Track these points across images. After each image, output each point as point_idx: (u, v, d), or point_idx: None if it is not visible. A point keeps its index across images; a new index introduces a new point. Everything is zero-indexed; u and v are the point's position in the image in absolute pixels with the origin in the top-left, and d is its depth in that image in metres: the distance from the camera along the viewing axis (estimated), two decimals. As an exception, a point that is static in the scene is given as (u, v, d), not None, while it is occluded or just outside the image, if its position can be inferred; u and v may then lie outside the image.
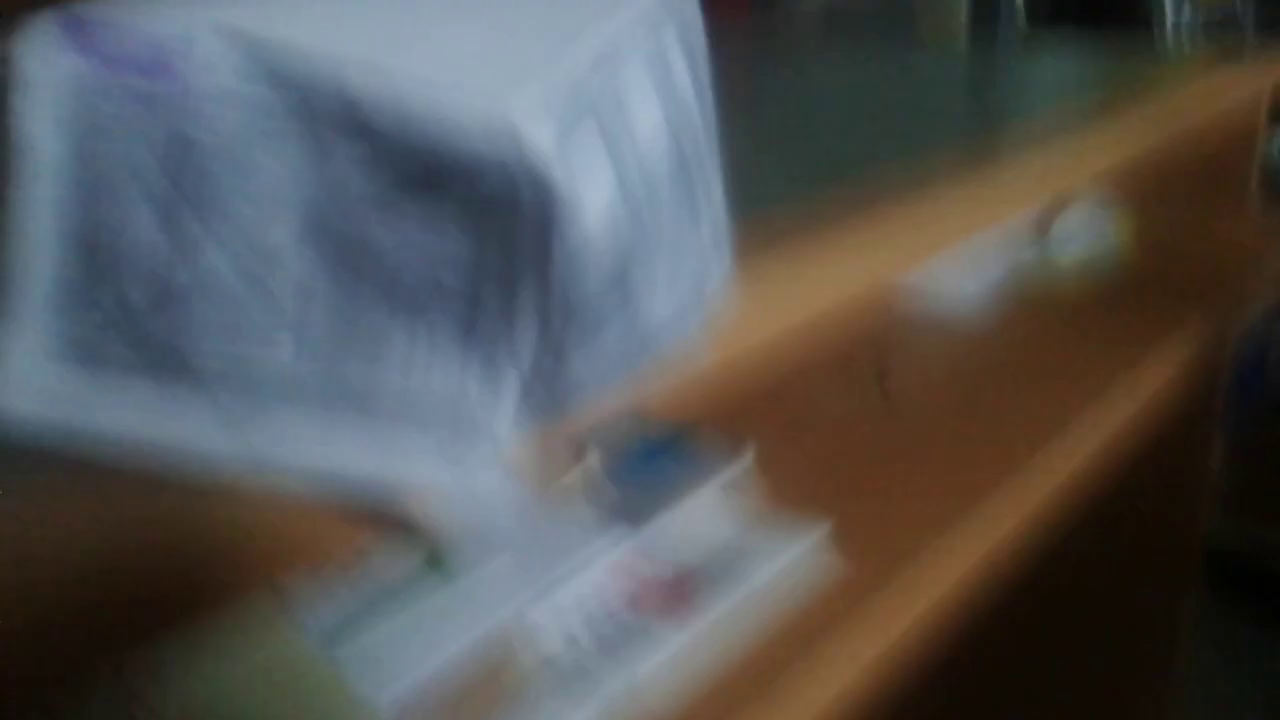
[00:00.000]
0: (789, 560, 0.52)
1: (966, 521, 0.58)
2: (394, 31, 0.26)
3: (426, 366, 0.25)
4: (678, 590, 0.49)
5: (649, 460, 0.54)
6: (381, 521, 0.26)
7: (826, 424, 0.68)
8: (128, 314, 0.25)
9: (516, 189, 0.23)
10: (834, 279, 0.42)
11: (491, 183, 0.23)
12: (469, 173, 0.23)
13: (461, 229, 0.24)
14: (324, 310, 0.25)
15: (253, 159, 0.24)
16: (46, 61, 0.24)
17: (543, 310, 0.25)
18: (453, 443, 0.25)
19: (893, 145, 0.55)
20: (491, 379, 0.25)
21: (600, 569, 0.48)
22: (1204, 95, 0.75)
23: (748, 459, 0.57)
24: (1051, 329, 0.84)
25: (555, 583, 0.47)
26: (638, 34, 0.31)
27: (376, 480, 0.25)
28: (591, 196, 0.25)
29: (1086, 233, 0.92)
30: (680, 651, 0.47)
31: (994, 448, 0.66)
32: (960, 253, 0.50)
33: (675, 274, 0.31)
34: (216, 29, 0.24)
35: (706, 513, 0.53)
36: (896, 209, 0.44)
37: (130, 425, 0.25)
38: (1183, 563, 1.03)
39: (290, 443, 0.25)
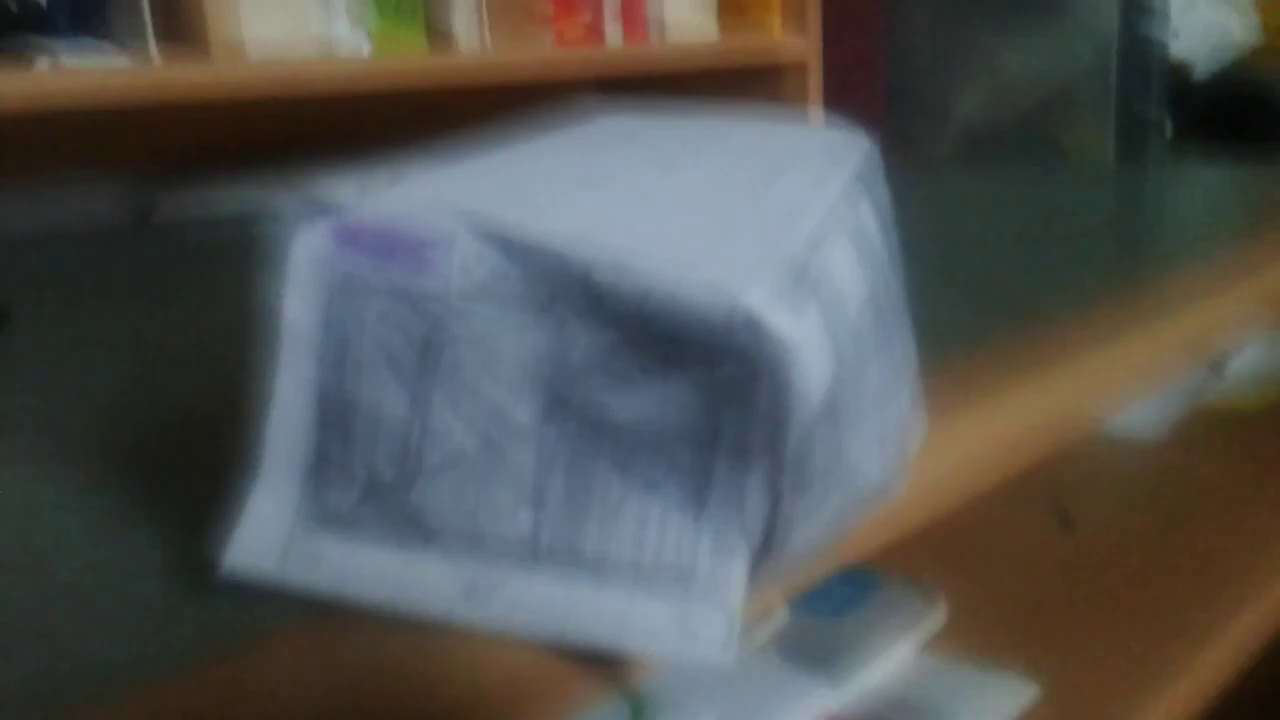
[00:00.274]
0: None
1: (1174, 682, 0.56)
2: (630, 219, 0.28)
3: (659, 539, 0.26)
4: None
5: (840, 606, 0.54)
6: (595, 674, 0.27)
7: (1012, 562, 0.67)
8: (380, 486, 0.27)
9: (756, 373, 0.25)
10: (1020, 422, 0.42)
11: (732, 366, 0.25)
12: (709, 357, 0.25)
13: (698, 408, 0.25)
14: (562, 484, 0.26)
15: (503, 346, 0.26)
16: (314, 255, 0.26)
17: (775, 486, 0.26)
18: (686, 616, 0.26)
19: (1062, 282, 0.55)
20: (723, 551, 0.26)
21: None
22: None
23: (941, 610, 0.56)
24: (1231, 460, 0.82)
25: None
26: (842, 211, 0.33)
27: (610, 650, 0.26)
28: (818, 376, 0.26)
29: (1263, 362, 0.89)
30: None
31: (1189, 589, 0.63)
32: (1140, 389, 0.49)
33: (884, 437, 0.32)
34: (475, 228, 0.26)
35: (903, 664, 0.52)
36: (1079, 349, 0.44)
37: (374, 591, 0.26)
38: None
39: (527, 611, 0.26)
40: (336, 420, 0.27)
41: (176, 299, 0.67)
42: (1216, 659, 0.58)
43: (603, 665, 0.26)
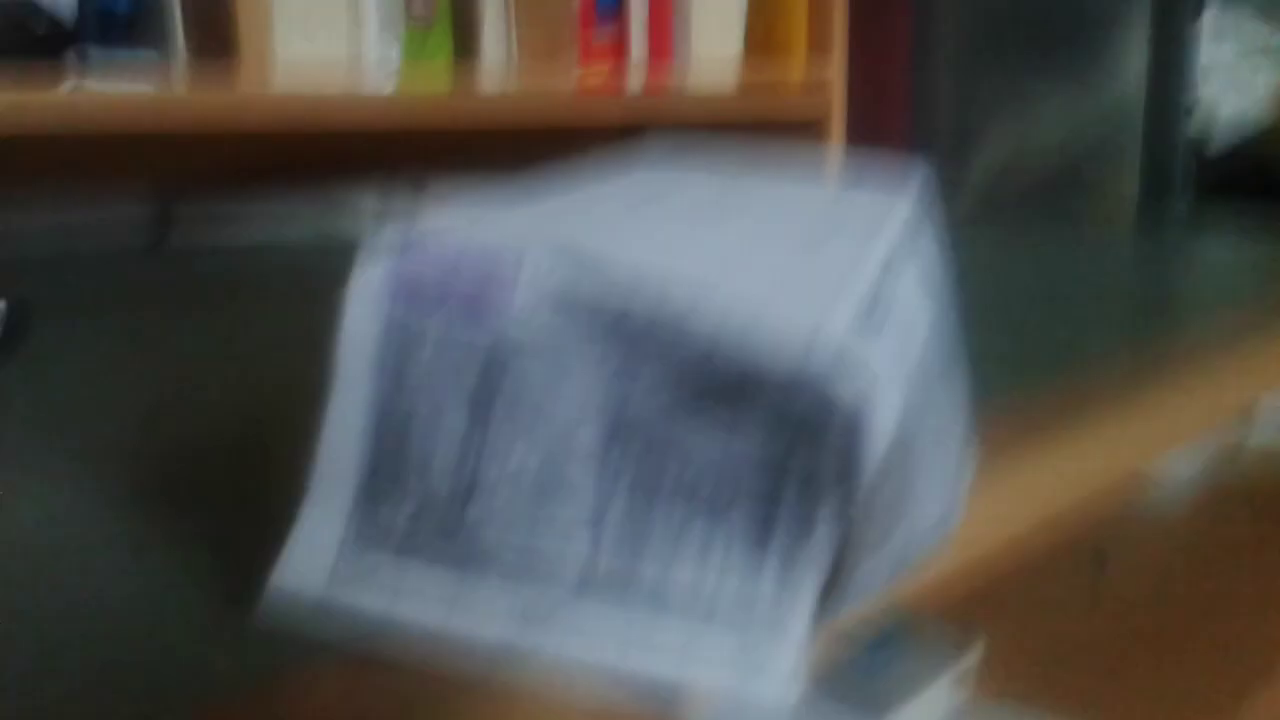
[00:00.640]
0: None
1: None
2: (699, 262, 0.27)
3: (723, 567, 0.25)
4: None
5: (880, 650, 0.53)
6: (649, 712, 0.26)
7: (1046, 603, 0.66)
8: (436, 506, 0.26)
9: (832, 403, 0.24)
10: (1063, 473, 0.41)
11: (806, 397, 0.24)
12: (783, 389, 0.24)
13: (768, 438, 0.25)
14: (624, 508, 0.25)
15: (567, 369, 0.25)
16: (380, 274, 0.26)
17: (843, 520, 0.25)
18: (751, 647, 0.25)
19: (1098, 347, 0.54)
20: (789, 584, 0.25)
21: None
22: None
23: (978, 649, 0.55)
24: (1265, 517, 0.81)
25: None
26: (907, 241, 0.32)
27: (671, 681, 0.25)
28: (892, 407, 0.25)
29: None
30: None
31: (1223, 636, 0.62)
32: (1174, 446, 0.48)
33: (941, 477, 0.31)
34: (543, 252, 0.26)
35: (941, 705, 0.51)
36: (1119, 406, 0.44)
37: (430, 614, 0.25)
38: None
39: (585, 639, 0.25)
40: (392, 434, 0.26)
41: (201, 320, 0.66)
42: (1253, 708, 0.56)
43: (659, 702, 0.25)
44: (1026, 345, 0.55)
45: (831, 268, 0.28)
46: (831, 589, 0.26)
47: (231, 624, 0.26)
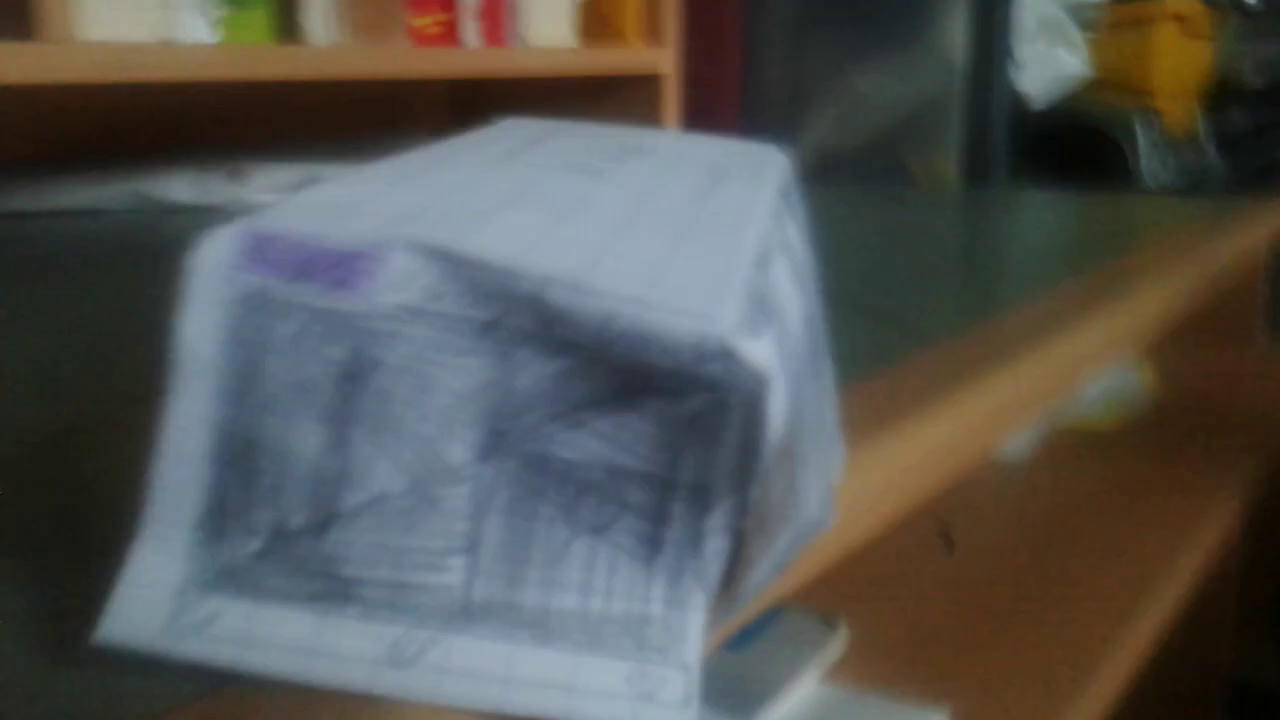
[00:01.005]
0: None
1: (1076, 694, 0.56)
2: (573, 234, 0.25)
3: (608, 589, 0.23)
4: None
5: (739, 639, 0.52)
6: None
7: (902, 585, 0.67)
8: (288, 540, 0.23)
9: (726, 406, 0.22)
10: (927, 450, 0.41)
11: (697, 399, 0.23)
12: (673, 388, 0.22)
13: (655, 444, 0.23)
14: (500, 532, 0.23)
15: (436, 377, 0.23)
16: (219, 273, 0.23)
17: (737, 527, 0.24)
18: (641, 675, 0.23)
19: (930, 307, 0.55)
20: (679, 602, 0.24)
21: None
22: (1231, 244, 0.77)
23: (843, 637, 0.55)
24: (1092, 477, 0.84)
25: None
26: (774, 228, 0.31)
27: (553, 714, 0.23)
28: (779, 409, 0.24)
29: (1114, 385, 0.93)
30: None
31: (1073, 603, 0.65)
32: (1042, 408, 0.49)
33: (822, 468, 0.30)
34: (408, 245, 0.23)
35: (809, 697, 0.51)
36: (976, 374, 0.44)
37: (280, 659, 0.23)
38: (1209, 696, 1.01)
39: (460, 676, 0.23)
40: (237, 459, 0.23)
41: (19, 290, 0.61)
42: (1110, 669, 0.59)
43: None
44: (864, 311, 0.56)
45: (715, 245, 0.26)
46: (723, 601, 0.24)
47: (61, 673, 0.23)
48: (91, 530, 0.30)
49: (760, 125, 1.48)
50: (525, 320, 0.23)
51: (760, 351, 0.22)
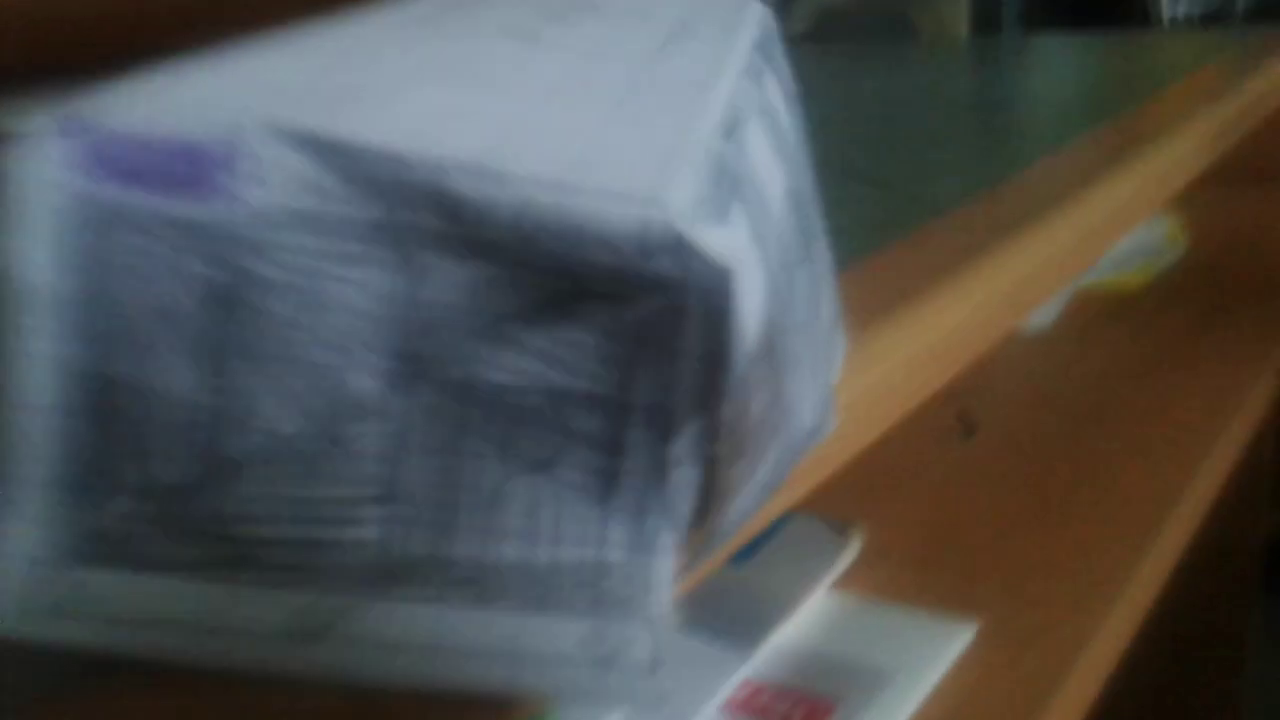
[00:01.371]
0: (938, 670, 0.45)
1: (1117, 593, 0.52)
2: (493, 111, 0.20)
3: (555, 536, 0.20)
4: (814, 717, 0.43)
5: (741, 553, 0.48)
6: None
7: (918, 481, 0.62)
8: (161, 497, 0.19)
9: (681, 308, 0.19)
10: (942, 331, 0.36)
11: (646, 301, 0.19)
12: (615, 289, 0.19)
13: (601, 361, 0.19)
14: (420, 472, 0.19)
15: (324, 291, 0.19)
16: (45, 180, 0.18)
17: (707, 452, 0.20)
18: (599, 636, 0.19)
19: (944, 168, 0.50)
20: (642, 545, 0.20)
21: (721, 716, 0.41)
22: (1260, 77, 0.71)
23: (855, 544, 0.51)
24: (1122, 343, 0.79)
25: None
26: (749, 88, 0.26)
27: (503, 689, 0.19)
28: (755, 304, 0.19)
29: (1140, 240, 0.87)
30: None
31: (1110, 488, 0.60)
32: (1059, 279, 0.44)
33: (815, 366, 0.26)
34: (268, 131, 0.18)
35: (822, 612, 0.47)
36: (989, 242, 0.39)
37: (161, 638, 0.19)
38: (1246, 563, 0.98)
39: (384, 648, 0.19)
40: (94, 405, 0.19)
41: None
42: (1151, 564, 0.55)
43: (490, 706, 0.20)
44: (874, 175, 0.51)
45: (667, 111, 0.22)
46: (700, 538, 0.21)
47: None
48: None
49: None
50: (427, 217, 0.18)
51: (723, 238, 0.19)
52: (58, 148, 0.18)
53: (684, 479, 0.20)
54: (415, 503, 0.20)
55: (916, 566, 0.53)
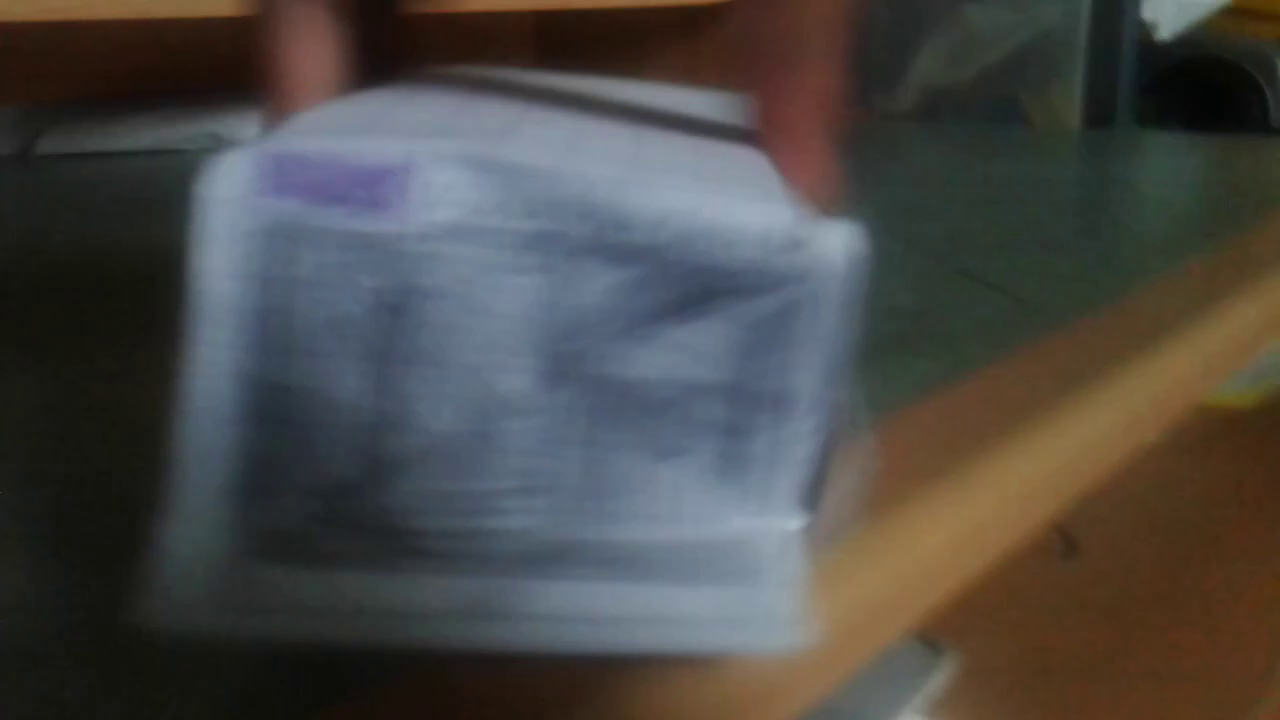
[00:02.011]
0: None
1: None
2: (608, 151, 0.23)
3: (696, 516, 0.22)
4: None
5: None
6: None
7: (1014, 600, 0.60)
8: (331, 496, 0.21)
9: (804, 297, 0.21)
10: (1039, 464, 0.35)
11: (774, 295, 0.21)
12: (746, 287, 0.21)
13: (732, 349, 0.22)
14: (575, 463, 0.22)
15: (480, 299, 0.21)
16: (234, 200, 0.20)
17: (819, 423, 0.22)
18: (745, 600, 0.21)
19: (1071, 268, 0.48)
20: (770, 519, 0.22)
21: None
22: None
23: (950, 666, 0.49)
24: (1231, 464, 0.76)
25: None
26: None
27: (657, 653, 0.21)
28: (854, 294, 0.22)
29: (1258, 361, 0.84)
30: None
31: (1215, 622, 0.57)
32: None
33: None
34: (443, 156, 0.20)
35: None
36: (1134, 345, 0.38)
37: (348, 627, 0.20)
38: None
39: (557, 622, 0.21)
40: (270, 412, 0.21)
41: (71, 229, 0.58)
42: (1270, 706, 0.51)
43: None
44: (968, 290, 0.49)
45: (745, 166, 0.24)
46: (820, 513, 0.23)
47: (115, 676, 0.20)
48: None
49: (863, 57, 1.40)
50: (577, 229, 0.21)
51: (834, 237, 0.21)
52: (245, 170, 0.20)
53: (802, 455, 0.22)
54: (571, 492, 0.22)
55: (1010, 694, 0.51)
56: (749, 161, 0.25)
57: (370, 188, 0.20)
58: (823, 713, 0.45)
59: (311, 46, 0.26)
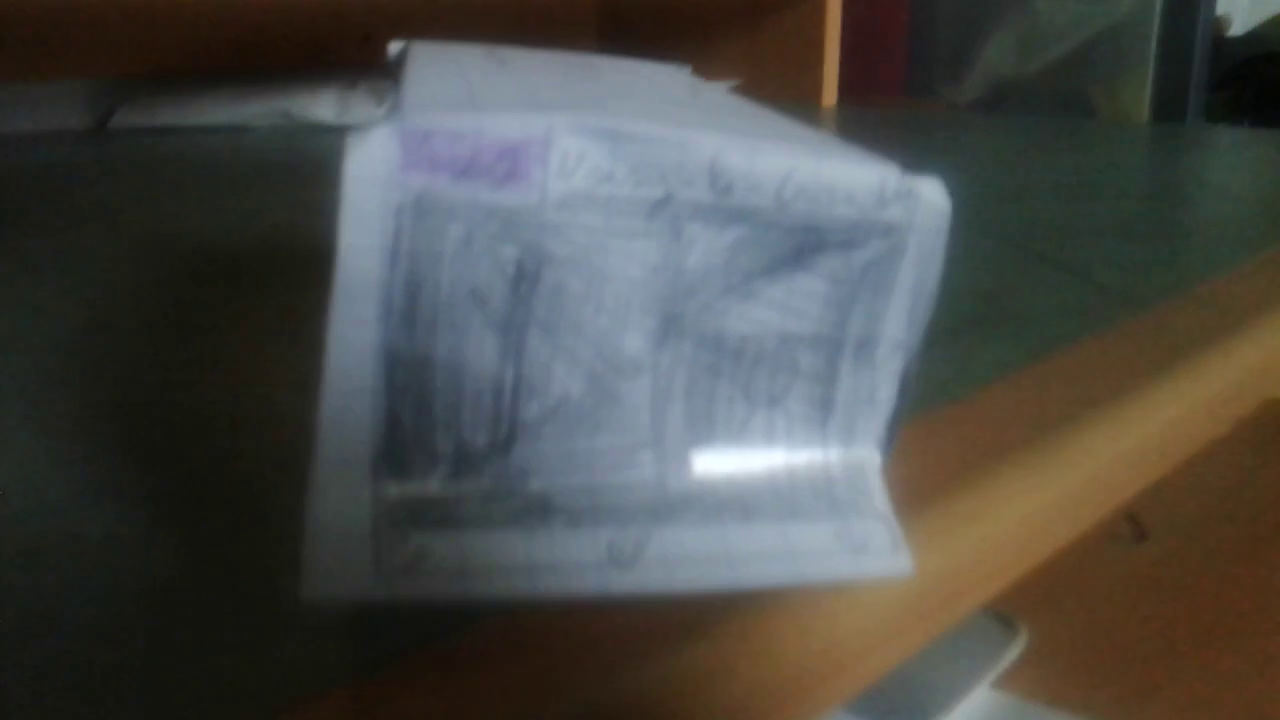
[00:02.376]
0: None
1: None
2: (707, 118, 0.24)
3: (790, 459, 0.24)
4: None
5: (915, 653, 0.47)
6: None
7: (1084, 581, 0.60)
8: (474, 462, 0.22)
9: (903, 247, 0.23)
10: (1118, 443, 0.35)
11: (875, 246, 0.23)
12: (849, 241, 0.22)
13: (826, 304, 0.23)
14: (681, 417, 0.23)
15: (609, 265, 0.22)
16: (378, 176, 0.20)
17: (904, 373, 0.24)
18: (846, 532, 0.23)
19: (1150, 258, 0.48)
20: (856, 458, 0.24)
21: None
22: None
23: (1022, 640, 0.49)
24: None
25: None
26: None
27: (779, 583, 0.23)
28: (940, 260, 0.24)
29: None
30: None
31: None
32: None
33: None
34: (574, 128, 0.21)
35: (984, 706, 0.45)
36: (1171, 356, 0.38)
37: (509, 585, 0.21)
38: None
39: (688, 564, 0.22)
40: (410, 383, 0.21)
41: (152, 202, 0.59)
42: None
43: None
44: (1045, 273, 0.49)
45: (830, 145, 0.25)
46: (888, 441, 0.25)
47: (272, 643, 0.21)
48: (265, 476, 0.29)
49: (929, 48, 1.39)
50: (698, 192, 0.22)
51: (935, 186, 0.23)
52: (390, 146, 0.20)
53: (884, 396, 0.24)
54: (678, 443, 0.23)
55: (1081, 672, 0.51)
56: (783, 120, 0.27)
57: (510, 159, 0.21)
58: (898, 682, 0.46)
59: None
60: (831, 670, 0.25)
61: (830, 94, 1.21)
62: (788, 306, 0.23)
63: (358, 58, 1.15)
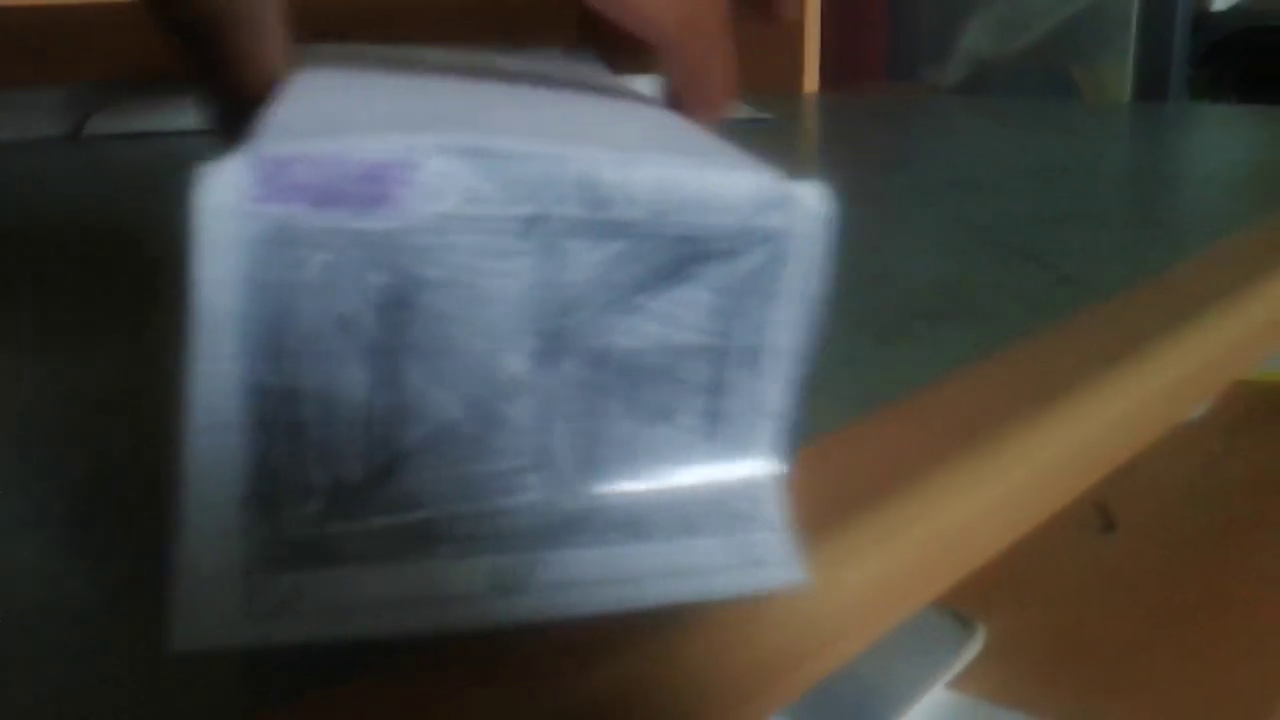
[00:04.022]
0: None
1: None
2: (582, 129, 0.24)
3: (682, 474, 0.23)
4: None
5: (870, 651, 0.47)
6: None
7: (1048, 575, 0.59)
8: (352, 495, 0.21)
9: (784, 254, 0.22)
10: (1076, 434, 0.34)
11: (755, 254, 0.22)
12: (729, 250, 0.22)
13: (710, 314, 0.23)
14: (567, 436, 0.22)
15: (481, 286, 0.21)
16: (230, 207, 0.19)
17: (793, 379, 0.23)
18: (742, 546, 0.23)
19: (1121, 242, 0.47)
20: (750, 468, 0.24)
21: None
22: None
23: (979, 640, 0.49)
24: (1274, 444, 0.75)
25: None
26: None
27: (675, 601, 0.22)
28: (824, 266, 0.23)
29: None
30: None
31: (1258, 603, 0.56)
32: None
33: None
34: (440, 148, 0.20)
35: (939, 707, 0.45)
36: (1134, 344, 0.37)
37: (382, 619, 0.21)
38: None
39: (580, 587, 0.22)
40: (279, 417, 0.20)
41: (125, 208, 0.59)
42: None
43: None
44: (1011, 263, 0.49)
45: (714, 151, 0.25)
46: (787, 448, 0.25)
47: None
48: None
49: (911, 31, 1.38)
50: (572, 208, 0.21)
51: (814, 192, 0.22)
52: (243, 176, 0.19)
53: (774, 405, 0.23)
54: (565, 464, 0.22)
55: (1041, 671, 0.50)
56: (679, 124, 0.27)
57: (372, 184, 0.20)
58: (853, 683, 0.45)
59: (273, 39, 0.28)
60: (769, 677, 0.25)
61: (811, 80, 1.20)
62: (671, 318, 0.22)
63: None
